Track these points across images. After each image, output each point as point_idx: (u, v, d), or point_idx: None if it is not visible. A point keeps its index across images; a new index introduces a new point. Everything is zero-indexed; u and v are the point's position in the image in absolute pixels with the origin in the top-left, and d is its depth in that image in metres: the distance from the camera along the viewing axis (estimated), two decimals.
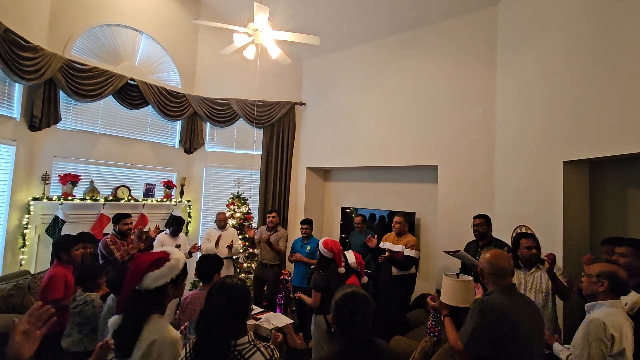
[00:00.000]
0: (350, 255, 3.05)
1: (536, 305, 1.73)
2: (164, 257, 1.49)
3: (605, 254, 2.30)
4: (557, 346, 1.86)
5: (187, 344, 1.39)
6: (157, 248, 3.78)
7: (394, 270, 3.67)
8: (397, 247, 3.68)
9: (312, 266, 3.19)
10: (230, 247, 4.14)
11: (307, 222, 4.25)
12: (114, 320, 1.44)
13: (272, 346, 1.37)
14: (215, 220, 4.37)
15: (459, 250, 3.12)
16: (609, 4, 2.36)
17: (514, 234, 3.20)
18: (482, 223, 3.17)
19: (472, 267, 2.94)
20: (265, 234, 4.25)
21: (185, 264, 1.57)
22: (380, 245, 3.85)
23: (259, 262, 4.43)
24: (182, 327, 2.02)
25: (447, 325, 1.86)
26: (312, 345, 2.96)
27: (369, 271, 4.05)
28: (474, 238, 3.30)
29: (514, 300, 1.61)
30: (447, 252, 3.19)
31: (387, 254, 3.61)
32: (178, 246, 3.86)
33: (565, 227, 2.70)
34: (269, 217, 4.38)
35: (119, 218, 3.45)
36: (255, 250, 4.79)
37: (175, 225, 3.98)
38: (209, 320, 1.31)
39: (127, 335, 1.37)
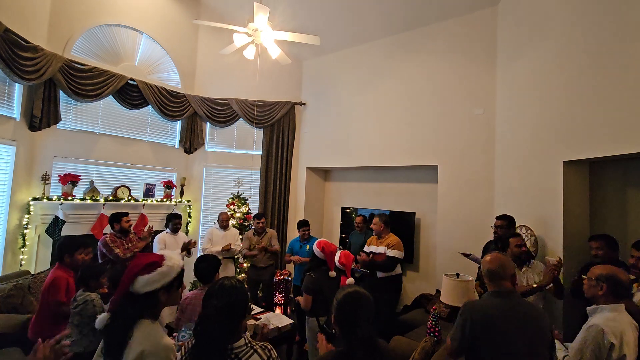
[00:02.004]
0: (336, 254, 3.01)
1: (538, 311, 1.67)
2: (157, 262, 1.41)
3: (595, 249, 2.38)
4: (557, 343, 1.84)
5: (184, 346, 1.39)
6: (159, 249, 3.78)
7: (379, 273, 3.65)
8: (380, 249, 3.66)
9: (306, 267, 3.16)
10: (228, 250, 4.12)
11: (306, 224, 4.21)
12: (102, 318, 1.39)
13: (269, 346, 1.36)
14: (217, 220, 4.36)
15: (471, 254, 3.22)
16: (608, 4, 2.36)
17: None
18: (503, 225, 3.03)
19: None
20: (256, 242, 4.21)
21: (182, 270, 1.49)
22: (365, 249, 3.82)
23: (251, 265, 4.38)
24: (174, 335, 1.98)
25: None
26: (307, 348, 2.95)
27: (368, 271, 4.04)
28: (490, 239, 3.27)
29: (505, 304, 1.58)
30: (461, 254, 3.30)
31: (365, 257, 3.57)
32: (187, 244, 3.85)
33: (565, 227, 2.70)
34: (258, 222, 4.28)
35: (118, 217, 3.45)
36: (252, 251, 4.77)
37: (174, 219, 3.98)
38: (208, 323, 1.29)
39: (115, 337, 1.32)
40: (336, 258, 2.96)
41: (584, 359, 1.60)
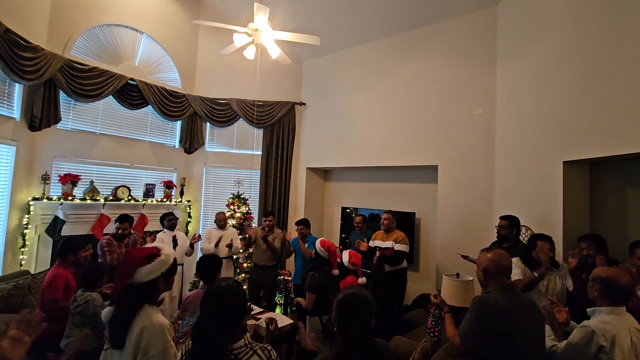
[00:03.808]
0: (344, 254, 3.03)
1: (536, 304, 1.72)
2: (155, 253, 1.56)
3: (585, 249, 2.38)
4: (548, 330, 1.83)
5: (184, 346, 1.39)
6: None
7: (387, 267, 3.69)
8: (387, 244, 3.71)
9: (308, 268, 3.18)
10: (230, 245, 4.13)
11: (302, 223, 4.17)
12: (106, 312, 1.50)
13: (268, 347, 1.36)
14: (215, 220, 4.36)
15: (469, 256, 3.28)
16: (609, 4, 2.36)
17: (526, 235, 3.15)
18: (505, 225, 2.96)
19: None
20: (260, 233, 4.22)
21: (175, 259, 1.65)
22: (370, 244, 3.86)
23: (253, 264, 4.37)
24: (178, 322, 2.04)
25: (447, 320, 1.91)
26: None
27: (368, 271, 4.04)
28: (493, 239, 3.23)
29: (513, 299, 1.61)
30: (460, 255, 3.37)
31: (377, 253, 3.63)
32: (176, 241, 3.88)
33: (565, 227, 2.70)
34: (265, 220, 4.26)
35: (116, 220, 3.47)
36: (251, 249, 4.77)
37: (167, 216, 4.02)
38: (206, 324, 1.29)
39: (120, 326, 1.44)
40: (345, 258, 2.97)
41: (568, 354, 1.64)
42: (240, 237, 4.61)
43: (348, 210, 5.44)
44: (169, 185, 4.99)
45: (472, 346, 1.59)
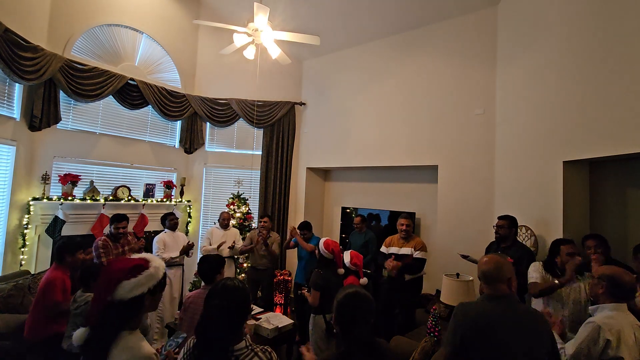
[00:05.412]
0: (346, 255, 3.03)
1: (536, 315, 1.60)
2: (142, 265, 1.36)
3: (593, 247, 2.36)
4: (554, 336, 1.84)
5: (188, 343, 1.39)
6: (159, 249, 3.78)
7: (407, 275, 3.48)
8: (405, 251, 3.49)
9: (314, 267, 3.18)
10: (231, 247, 4.14)
11: (304, 228, 4.13)
12: (79, 334, 1.31)
13: (269, 349, 1.35)
14: (218, 220, 4.37)
15: (469, 256, 3.25)
16: (609, 3, 2.36)
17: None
18: (504, 225, 2.90)
19: None
20: (258, 238, 4.21)
21: (165, 274, 1.46)
22: (384, 250, 3.65)
23: (250, 266, 4.36)
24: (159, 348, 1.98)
25: None
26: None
27: (368, 271, 4.05)
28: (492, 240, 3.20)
29: (500, 309, 1.52)
30: (460, 255, 3.32)
31: (395, 264, 3.37)
32: (186, 247, 3.92)
33: (565, 227, 2.70)
34: (261, 221, 4.28)
35: (113, 220, 3.41)
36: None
37: (169, 216, 4.02)
38: (209, 323, 1.30)
39: (95, 352, 1.27)
40: (347, 259, 2.97)
41: (577, 352, 1.64)
42: (242, 237, 4.61)
43: (348, 210, 5.45)
44: (169, 185, 4.99)
45: (448, 353, 1.55)
